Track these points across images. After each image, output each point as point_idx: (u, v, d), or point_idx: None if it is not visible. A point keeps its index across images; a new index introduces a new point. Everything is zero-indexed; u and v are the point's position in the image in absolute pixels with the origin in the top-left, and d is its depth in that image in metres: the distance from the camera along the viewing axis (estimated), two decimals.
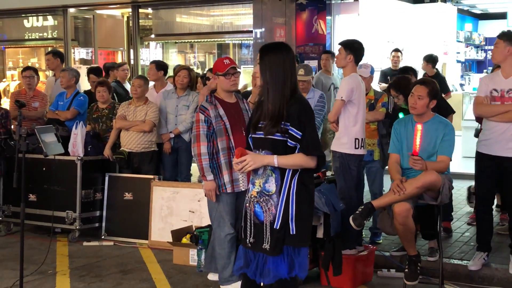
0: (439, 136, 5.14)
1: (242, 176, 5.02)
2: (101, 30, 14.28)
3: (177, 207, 6.78)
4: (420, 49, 10.78)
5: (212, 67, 8.24)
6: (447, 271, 5.56)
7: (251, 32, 11.23)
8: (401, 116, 5.82)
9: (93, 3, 13.17)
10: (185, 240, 6.24)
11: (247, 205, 3.69)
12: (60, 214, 7.02)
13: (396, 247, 6.21)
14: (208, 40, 13.19)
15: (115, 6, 13.54)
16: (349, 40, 5.81)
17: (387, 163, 5.70)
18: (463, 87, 13.69)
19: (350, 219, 5.04)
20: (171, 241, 6.27)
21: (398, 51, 10.08)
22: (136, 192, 7.12)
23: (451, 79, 13.24)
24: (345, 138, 5.62)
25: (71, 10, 13.46)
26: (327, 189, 5.26)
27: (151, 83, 8.15)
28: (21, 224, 4.52)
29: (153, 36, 13.03)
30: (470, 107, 10.51)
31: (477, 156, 5.65)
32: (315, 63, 10.30)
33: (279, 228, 3.53)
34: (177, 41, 13.52)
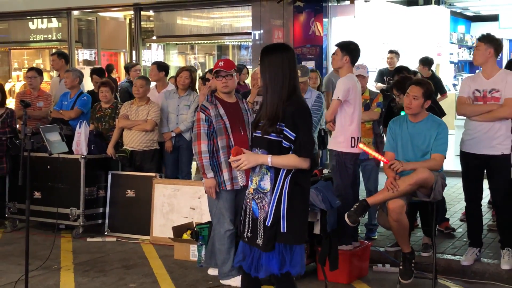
0: (433, 135, 5.14)
1: (240, 173, 5.01)
2: (104, 32, 14.28)
3: (178, 204, 6.78)
4: (414, 51, 10.79)
5: (211, 68, 8.26)
6: (440, 266, 5.56)
7: (250, 34, 11.23)
8: (403, 113, 5.82)
9: (96, 6, 13.16)
10: (185, 236, 6.24)
11: (247, 200, 3.70)
12: (64, 211, 7.02)
13: (390, 242, 6.21)
14: (208, 41, 13.19)
15: (118, 8, 13.54)
16: (345, 41, 5.81)
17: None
18: (456, 87, 13.70)
19: (345, 216, 5.04)
20: (172, 237, 6.27)
21: (392, 52, 10.08)
22: (138, 189, 7.12)
23: (444, 80, 13.25)
24: (341, 137, 5.61)
25: (75, 12, 13.46)
26: (323, 186, 5.26)
27: (153, 83, 8.15)
28: (27, 220, 4.52)
29: (154, 37, 13.02)
30: None
31: (462, 155, 5.65)
32: (312, 64, 10.30)
33: (270, 225, 3.53)
34: (178, 43, 13.51)
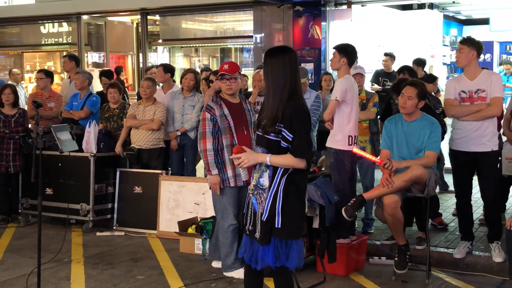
0: (426, 133, 5.14)
1: (243, 170, 5.04)
2: (112, 35, 14.28)
3: (183, 200, 6.79)
4: (409, 53, 10.77)
5: (215, 70, 8.26)
6: (434, 258, 5.56)
7: (251, 37, 11.22)
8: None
9: (105, 11, 13.16)
10: (190, 230, 6.24)
11: (250, 195, 3.71)
12: (74, 206, 7.03)
13: (386, 236, 6.22)
14: (211, 44, 13.19)
15: (125, 13, 13.53)
16: (342, 44, 5.80)
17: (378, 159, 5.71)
18: None
19: (342, 211, 5.05)
20: (177, 231, 6.28)
21: (387, 55, 10.07)
22: (145, 186, 7.12)
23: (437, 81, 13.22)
24: (339, 135, 5.61)
25: (85, 17, 13.46)
26: (322, 182, 5.26)
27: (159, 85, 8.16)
28: (39, 216, 4.53)
29: (160, 41, 13.02)
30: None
31: (452, 153, 5.65)
32: (311, 65, 10.30)
33: (265, 220, 3.54)
34: (182, 46, 13.51)
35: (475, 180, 5.71)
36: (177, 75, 9.89)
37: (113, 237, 6.90)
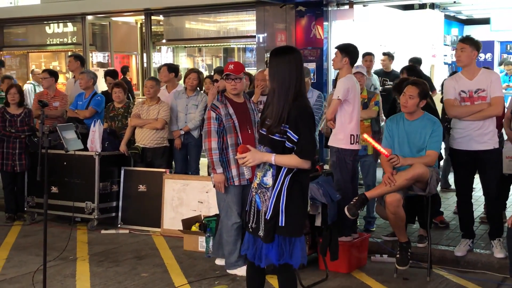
0: (428, 132, 5.13)
1: (247, 168, 5.04)
2: (116, 35, 14.28)
3: (187, 198, 6.79)
4: (410, 52, 10.74)
5: (216, 67, 8.25)
6: (435, 256, 5.57)
7: (254, 37, 11.20)
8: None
9: (109, 11, 13.16)
10: (194, 228, 6.24)
11: (253, 193, 3.70)
12: (80, 204, 7.03)
13: (387, 233, 6.22)
14: (214, 44, 13.17)
15: (130, 13, 13.53)
16: (344, 44, 5.79)
17: (379, 157, 5.71)
18: None
19: (345, 209, 5.04)
20: (181, 229, 6.28)
21: (385, 54, 10.07)
22: (149, 184, 7.13)
23: (439, 80, 13.20)
24: (341, 134, 5.61)
25: (89, 17, 13.46)
26: (324, 181, 5.26)
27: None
28: (44, 214, 4.53)
29: (164, 41, 13.01)
30: None
31: (454, 152, 5.61)
32: (313, 65, 10.29)
33: (269, 219, 3.54)
34: (186, 46, 13.49)
35: (475, 178, 5.70)
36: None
37: (117, 235, 6.91)
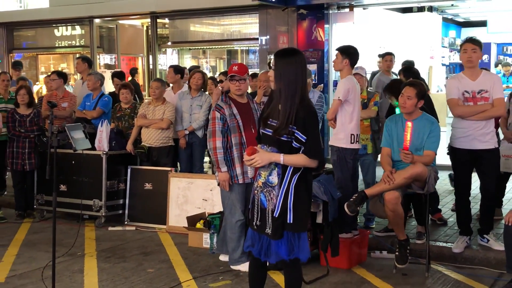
0: (426, 132, 5.12)
1: (250, 168, 5.04)
2: (123, 38, 14.31)
3: (191, 196, 6.79)
4: (409, 54, 10.74)
5: (223, 70, 8.26)
6: (433, 252, 5.56)
7: (257, 39, 11.22)
8: (398, 110, 5.81)
9: (116, 14, 13.19)
10: (199, 225, 6.25)
11: (255, 191, 3.70)
12: (87, 202, 7.05)
13: (379, 228, 6.23)
14: (218, 46, 13.19)
15: (136, 16, 13.56)
16: (345, 46, 5.79)
17: (379, 156, 5.71)
18: None
19: (345, 206, 5.05)
20: (186, 226, 6.29)
21: (380, 56, 10.11)
22: (155, 182, 7.13)
23: (436, 81, 13.19)
24: (342, 134, 5.61)
25: (97, 20, 13.50)
26: (325, 179, 5.25)
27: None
28: (53, 211, 4.53)
29: (169, 43, 13.03)
30: None
31: (455, 151, 5.57)
32: (314, 66, 10.29)
33: (277, 216, 3.54)
34: (191, 48, 13.52)
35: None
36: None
37: (124, 231, 6.92)
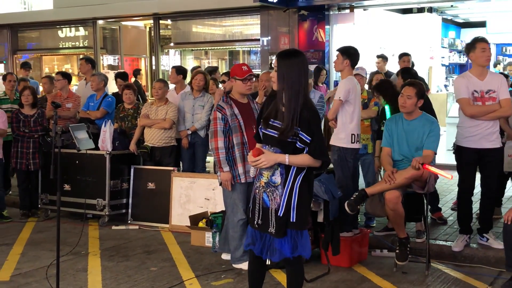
0: (426, 132, 5.11)
1: (253, 169, 5.03)
2: (126, 39, 14.31)
3: (194, 195, 6.79)
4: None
5: (225, 71, 8.24)
6: (433, 251, 5.55)
7: (258, 40, 11.22)
8: (387, 108, 5.78)
9: (119, 16, 13.19)
10: (201, 224, 6.25)
11: (256, 191, 3.70)
12: (91, 201, 7.06)
13: (380, 227, 6.22)
14: (220, 47, 13.19)
15: (139, 18, 13.56)
16: (345, 46, 5.78)
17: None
18: (447, 87, 13.62)
19: (345, 205, 5.04)
20: (189, 225, 6.29)
21: (379, 57, 10.13)
22: (158, 182, 7.13)
23: (436, 81, 13.19)
24: (342, 133, 5.60)
25: (100, 22, 13.50)
26: (326, 178, 5.25)
27: (173, 86, 8.17)
28: (58, 210, 4.54)
29: (172, 44, 13.03)
30: (454, 106, 10.46)
31: (462, 150, 5.53)
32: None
33: (282, 215, 3.55)
34: (193, 49, 13.52)
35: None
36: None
37: (127, 230, 6.92)
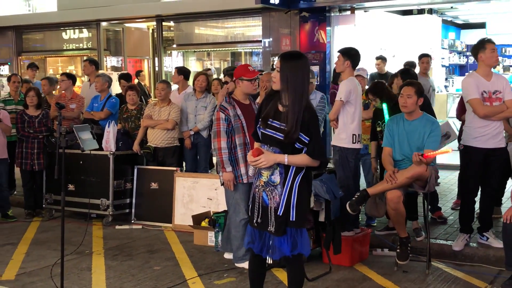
0: (426, 132, 5.11)
1: (252, 167, 5.02)
2: (129, 41, 14.32)
3: (196, 195, 6.79)
4: (409, 55, 10.71)
5: (229, 71, 8.19)
6: (434, 250, 5.55)
7: (260, 41, 11.22)
8: (385, 106, 5.76)
9: (122, 18, 13.20)
10: (204, 223, 6.25)
11: (255, 190, 3.70)
12: (95, 201, 7.06)
13: (381, 227, 6.22)
14: (222, 49, 13.19)
15: (142, 20, 13.57)
16: (346, 48, 5.77)
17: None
18: (447, 88, 13.60)
19: (347, 205, 5.03)
20: (191, 224, 6.29)
21: (379, 58, 10.13)
22: (161, 182, 7.13)
23: (436, 82, 13.15)
24: (343, 134, 5.60)
25: (103, 23, 13.51)
26: (327, 178, 5.24)
27: (176, 86, 8.18)
28: (62, 210, 4.54)
29: (175, 46, 13.03)
30: (454, 106, 10.45)
31: (470, 150, 5.46)
32: (316, 68, 10.29)
33: (281, 214, 3.56)
34: (195, 50, 13.52)
35: None
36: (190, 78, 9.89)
37: (131, 230, 6.92)
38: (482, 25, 14.33)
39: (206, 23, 12.60)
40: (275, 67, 3.62)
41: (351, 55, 5.60)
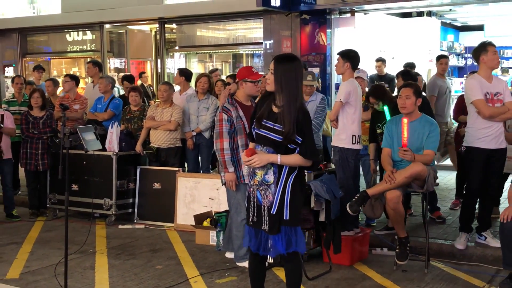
0: (425, 133, 5.11)
1: (246, 167, 5.03)
2: (132, 43, 14.31)
3: (198, 195, 6.80)
4: (408, 57, 10.71)
5: (229, 73, 8.23)
6: (432, 249, 5.54)
7: (261, 43, 11.21)
8: (386, 108, 5.75)
9: (125, 20, 13.19)
10: (205, 223, 6.25)
11: (250, 189, 3.73)
12: (98, 201, 7.06)
13: (380, 227, 6.21)
14: (224, 51, 13.18)
15: (145, 22, 13.57)
16: (346, 50, 5.78)
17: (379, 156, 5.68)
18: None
19: (347, 206, 5.03)
20: (193, 224, 6.29)
21: (378, 60, 10.11)
22: (163, 182, 7.14)
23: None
24: (343, 134, 5.60)
25: (107, 26, 13.49)
26: (328, 179, 5.24)
27: (178, 88, 8.18)
28: (66, 210, 4.55)
29: (177, 47, 13.02)
30: (452, 107, 10.42)
31: (473, 151, 5.43)
32: (317, 70, 10.28)
33: (275, 213, 3.58)
34: (197, 52, 13.51)
35: None
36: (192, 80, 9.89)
37: (134, 229, 6.93)
38: (480, 28, 14.32)
39: (208, 25, 12.59)
40: (269, 69, 3.64)
41: (350, 57, 5.60)
